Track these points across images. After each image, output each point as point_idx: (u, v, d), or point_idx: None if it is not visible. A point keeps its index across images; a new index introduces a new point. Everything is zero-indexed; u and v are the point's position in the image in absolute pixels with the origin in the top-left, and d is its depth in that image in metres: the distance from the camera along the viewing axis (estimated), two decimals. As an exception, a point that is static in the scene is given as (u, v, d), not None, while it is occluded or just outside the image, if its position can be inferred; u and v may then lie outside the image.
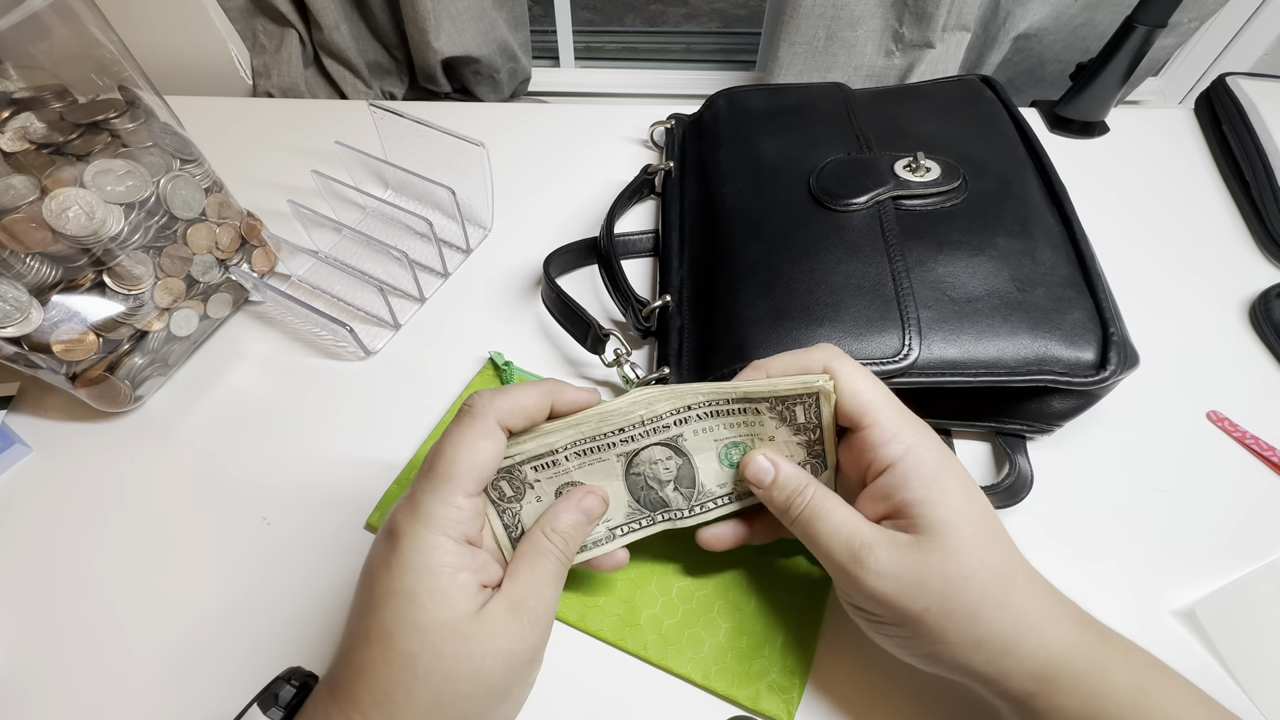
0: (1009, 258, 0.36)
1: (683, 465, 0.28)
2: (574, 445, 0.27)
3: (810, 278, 0.36)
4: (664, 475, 0.28)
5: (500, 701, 0.23)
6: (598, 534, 0.28)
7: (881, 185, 0.39)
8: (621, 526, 0.28)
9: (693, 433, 0.27)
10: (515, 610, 0.23)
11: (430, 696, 0.21)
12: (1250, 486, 0.36)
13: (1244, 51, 0.72)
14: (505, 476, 0.26)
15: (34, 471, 0.38)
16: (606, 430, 0.26)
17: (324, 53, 0.72)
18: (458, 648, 0.21)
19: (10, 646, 0.32)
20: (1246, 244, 0.48)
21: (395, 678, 0.21)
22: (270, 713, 0.23)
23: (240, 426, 0.40)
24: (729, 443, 0.28)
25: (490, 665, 0.21)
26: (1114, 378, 0.32)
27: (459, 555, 0.22)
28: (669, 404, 0.27)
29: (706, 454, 0.28)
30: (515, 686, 0.23)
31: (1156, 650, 0.24)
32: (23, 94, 0.34)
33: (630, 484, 0.28)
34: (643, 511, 0.28)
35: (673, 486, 0.28)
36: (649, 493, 0.28)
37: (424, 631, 0.21)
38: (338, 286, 0.47)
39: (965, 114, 0.46)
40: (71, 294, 0.35)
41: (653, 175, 0.51)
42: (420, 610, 0.21)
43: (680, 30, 1.62)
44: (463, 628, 0.21)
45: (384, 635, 0.21)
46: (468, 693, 0.21)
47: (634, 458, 0.27)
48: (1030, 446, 0.37)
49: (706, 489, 0.28)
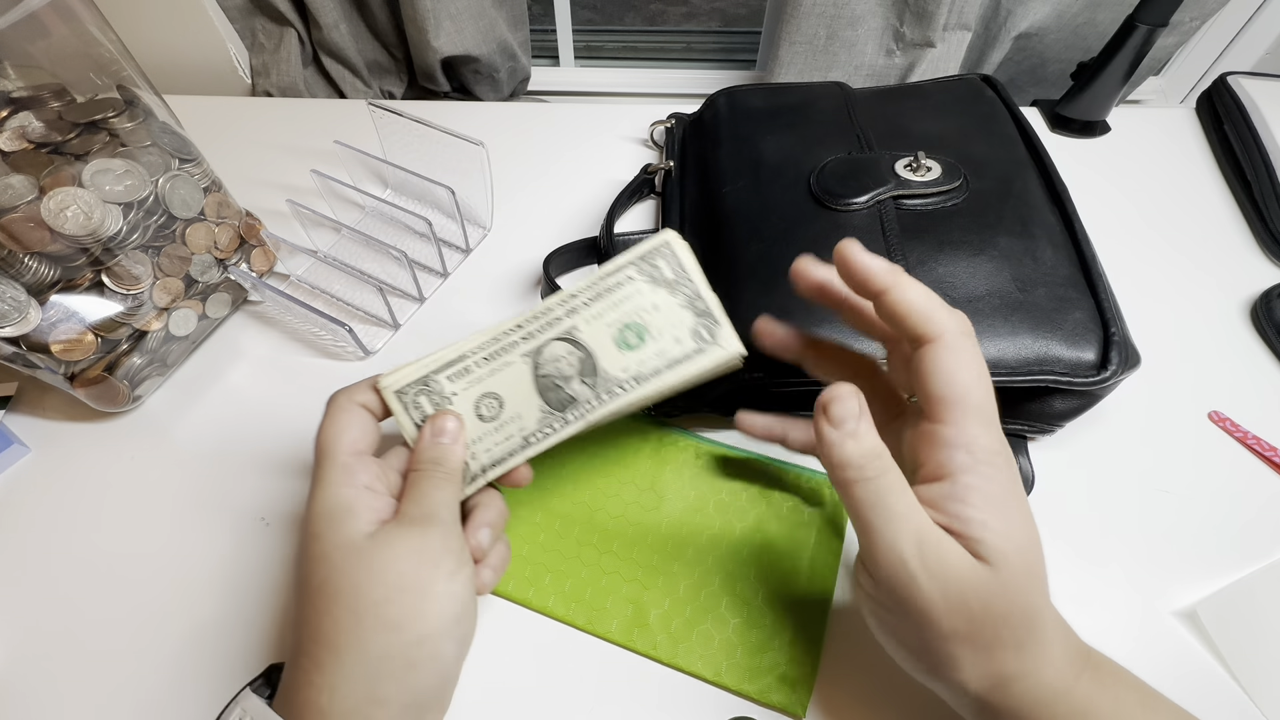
0: (1010, 258, 0.36)
1: (584, 358, 0.28)
2: (480, 349, 0.29)
3: None
4: (568, 370, 0.28)
5: (422, 598, 0.24)
6: (512, 444, 0.28)
7: (882, 185, 0.39)
8: (535, 433, 0.29)
9: (585, 321, 0.28)
10: (402, 521, 0.25)
11: (348, 614, 0.23)
12: (1251, 487, 0.36)
13: (1245, 51, 0.72)
14: (423, 391, 0.28)
15: (32, 472, 0.38)
16: (507, 329, 0.29)
17: (323, 52, 0.72)
18: (356, 562, 0.24)
19: (9, 646, 0.32)
20: (1248, 244, 0.48)
21: (317, 608, 0.24)
22: (259, 689, 0.25)
23: (239, 426, 0.40)
24: (621, 325, 0.28)
25: (392, 567, 0.24)
26: (1115, 378, 0.32)
27: (351, 491, 0.25)
28: (558, 298, 0.29)
29: (603, 340, 0.28)
30: (435, 584, 0.24)
31: (1157, 650, 0.24)
32: (21, 93, 0.34)
33: (540, 387, 0.29)
34: (555, 414, 0.29)
35: (578, 380, 0.28)
36: (558, 393, 0.28)
37: (326, 558, 0.24)
38: (337, 286, 0.46)
39: (966, 113, 0.46)
40: (70, 294, 0.35)
41: (653, 175, 0.51)
42: (320, 544, 0.24)
43: (680, 29, 1.62)
44: (359, 544, 0.24)
45: (303, 584, 0.25)
46: (381, 597, 0.23)
47: (538, 358, 0.28)
48: (1031, 446, 0.37)
49: (610, 375, 0.28)
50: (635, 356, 0.28)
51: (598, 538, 0.34)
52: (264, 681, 0.26)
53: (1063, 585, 0.25)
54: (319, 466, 0.26)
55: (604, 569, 0.33)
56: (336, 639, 0.23)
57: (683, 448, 0.37)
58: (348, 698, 0.23)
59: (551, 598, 0.32)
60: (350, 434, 0.27)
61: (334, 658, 0.23)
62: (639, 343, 0.28)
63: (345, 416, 0.27)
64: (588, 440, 0.37)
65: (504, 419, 0.28)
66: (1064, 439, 0.37)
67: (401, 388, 0.28)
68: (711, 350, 0.28)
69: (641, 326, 0.28)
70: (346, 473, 0.26)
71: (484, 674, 0.30)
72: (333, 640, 0.23)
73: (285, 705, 0.24)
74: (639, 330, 0.28)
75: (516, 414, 0.28)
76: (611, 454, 0.37)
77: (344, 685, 0.23)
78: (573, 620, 0.32)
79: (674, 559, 0.33)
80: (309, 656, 0.23)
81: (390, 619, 0.23)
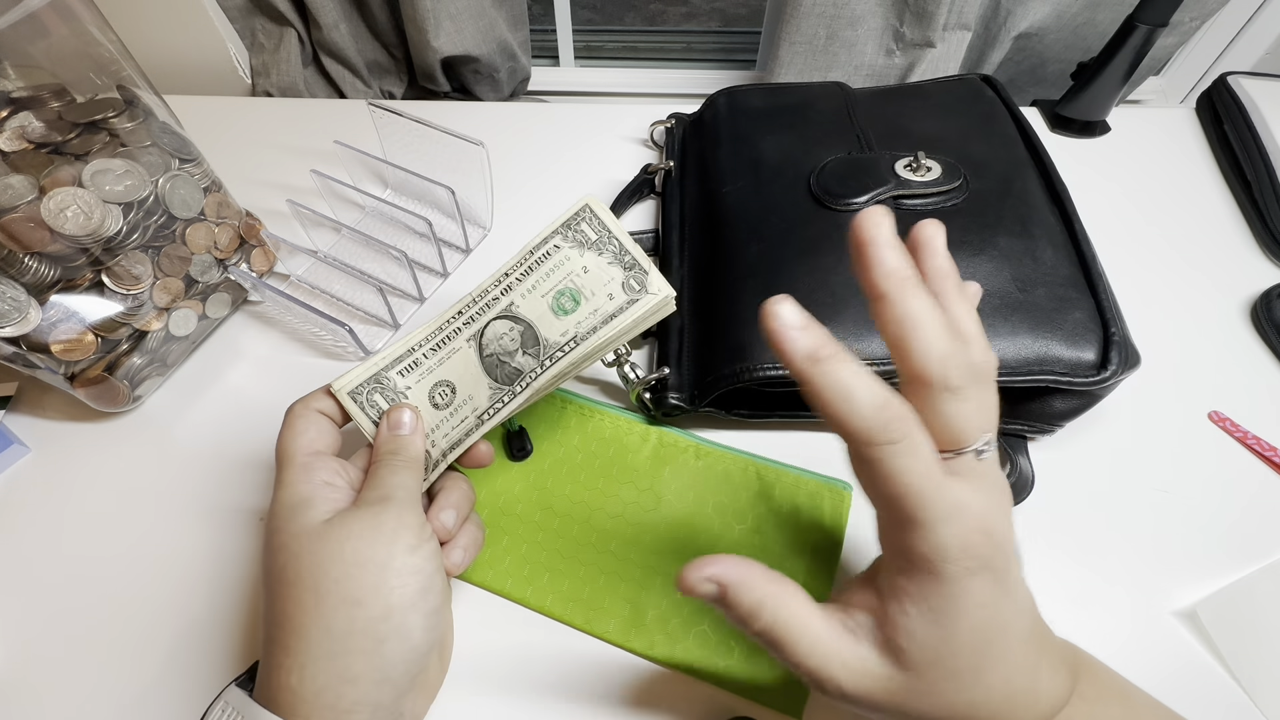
0: (1010, 257, 0.36)
1: (525, 330, 0.29)
2: (427, 340, 0.30)
3: (811, 278, 0.36)
4: (510, 345, 0.29)
5: (381, 572, 0.24)
6: (467, 424, 0.29)
7: (882, 185, 0.39)
8: (488, 410, 0.29)
9: (520, 296, 0.29)
10: (359, 504, 0.26)
11: (309, 594, 0.24)
12: (1251, 487, 0.36)
13: (1245, 51, 0.72)
14: (377, 388, 0.29)
15: (32, 471, 0.38)
16: (449, 316, 0.30)
17: (323, 52, 0.72)
18: (314, 544, 0.24)
19: (9, 646, 0.32)
20: (1248, 244, 0.48)
21: (281, 595, 0.24)
22: (243, 683, 0.26)
23: (239, 426, 0.40)
24: (555, 293, 0.29)
25: (349, 544, 0.24)
26: (1115, 378, 0.32)
27: (309, 487, 0.26)
28: (492, 279, 0.30)
29: (541, 312, 0.29)
30: (393, 559, 0.24)
31: (1157, 650, 0.24)
32: (21, 93, 0.34)
33: (487, 366, 0.29)
34: (503, 389, 0.29)
35: (521, 352, 0.29)
36: (504, 368, 0.29)
37: (285, 547, 0.25)
38: (337, 286, 0.46)
39: (966, 113, 0.46)
40: (70, 294, 0.35)
41: (653, 175, 0.51)
42: (280, 535, 0.25)
43: (680, 29, 1.62)
44: (317, 529, 0.25)
45: (265, 575, 0.25)
46: (340, 574, 0.24)
47: (482, 339, 0.29)
48: (1031, 447, 0.37)
49: (551, 341, 0.29)
50: (573, 319, 0.29)
51: (596, 537, 0.34)
52: (248, 676, 0.26)
53: (1063, 586, 0.25)
54: (279, 471, 0.27)
55: (602, 568, 0.33)
56: (301, 620, 0.24)
57: (683, 448, 0.37)
58: (316, 676, 0.23)
59: (549, 597, 0.32)
60: (306, 436, 0.28)
61: (299, 639, 0.23)
62: (575, 306, 0.29)
63: (301, 422, 0.28)
64: (586, 440, 0.37)
65: (457, 403, 0.29)
66: (1064, 439, 0.37)
67: (354, 388, 0.29)
68: (644, 298, 0.29)
69: (575, 290, 0.29)
70: (304, 471, 0.26)
71: (481, 673, 0.31)
72: (298, 622, 0.24)
73: (261, 693, 0.24)
74: (573, 294, 0.29)
75: (468, 396, 0.29)
76: (611, 454, 0.37)
77: (311, 665, 0.23)
78: (570, 619, 0.32)
79: (673, 559, 0.33)
80: (276, 642, 0.24)
81: (351, 595, 0.24)
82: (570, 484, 0.36)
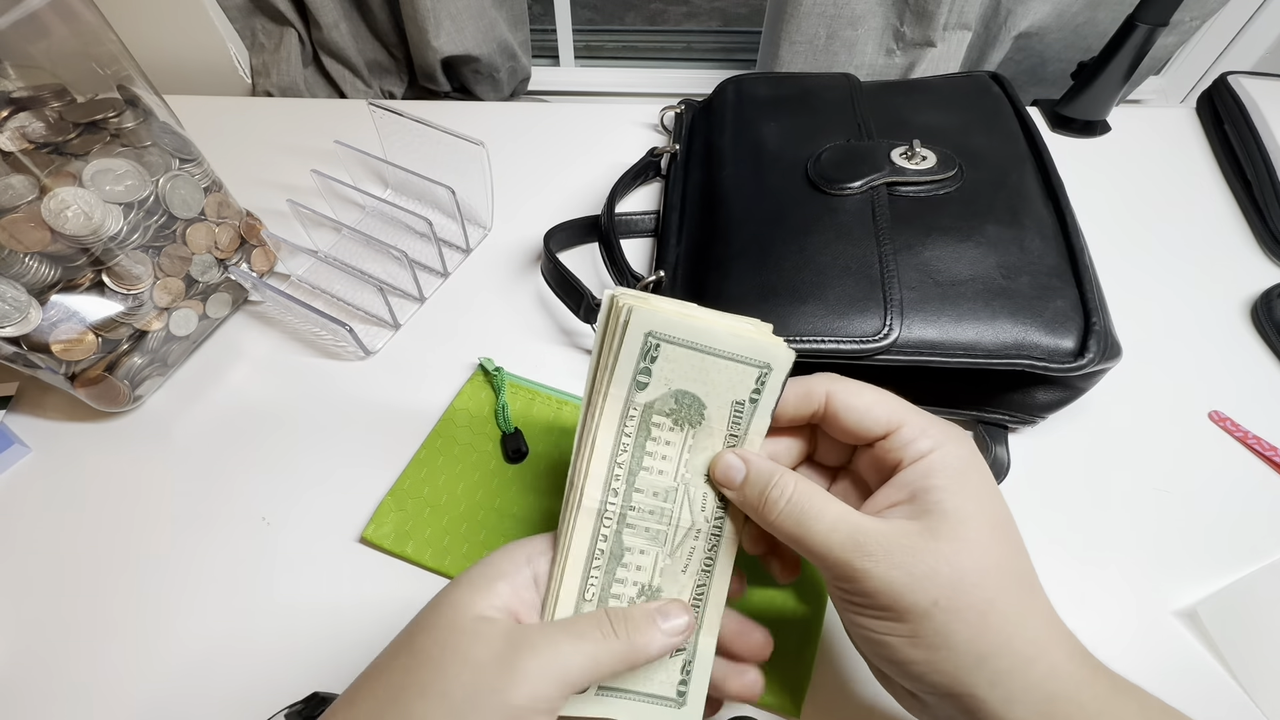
0: (997, 245, 0.36)
1: None
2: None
3: (799, 257, 0.37)
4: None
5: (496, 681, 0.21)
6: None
7: (877, 171, 0.39)
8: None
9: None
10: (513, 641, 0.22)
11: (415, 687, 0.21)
12: (1251, 487, 0.36)
13: (1246, 50, 0.71)
14: None
15: (33, 471, 0.38)
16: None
17: (323, 52, 0.72)
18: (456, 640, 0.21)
19: (10, 646, 0.32)
20: (1248, 243, 0.48)
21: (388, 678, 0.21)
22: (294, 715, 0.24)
23: (239, 426, 0.40)
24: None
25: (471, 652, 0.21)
26: (1092, 366, 0.32)
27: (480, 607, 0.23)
28: None
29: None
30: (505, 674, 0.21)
31: (1157, 650, 0.24)
32: (21, 93, 0.34)
33: None
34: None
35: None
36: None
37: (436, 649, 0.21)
38: (337, 286, 0.46)
39: (970, 107, 0.46)
40: (70, 294, 0.35)
41: (658, 157, 0.52)
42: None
43: (681, 29, 1.62)
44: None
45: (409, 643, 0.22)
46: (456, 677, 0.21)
47: None
48: (1031, 447, 0.37)
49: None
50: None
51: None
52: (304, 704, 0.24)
53: (1064, 585, 0.25)
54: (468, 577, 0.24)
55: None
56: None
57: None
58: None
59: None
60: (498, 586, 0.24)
61: None
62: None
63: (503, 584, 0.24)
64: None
65: None
66: (1064, 439, 0.37)
67: None
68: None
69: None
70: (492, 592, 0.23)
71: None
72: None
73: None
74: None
75: None
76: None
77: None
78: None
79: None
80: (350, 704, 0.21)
81: None
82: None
